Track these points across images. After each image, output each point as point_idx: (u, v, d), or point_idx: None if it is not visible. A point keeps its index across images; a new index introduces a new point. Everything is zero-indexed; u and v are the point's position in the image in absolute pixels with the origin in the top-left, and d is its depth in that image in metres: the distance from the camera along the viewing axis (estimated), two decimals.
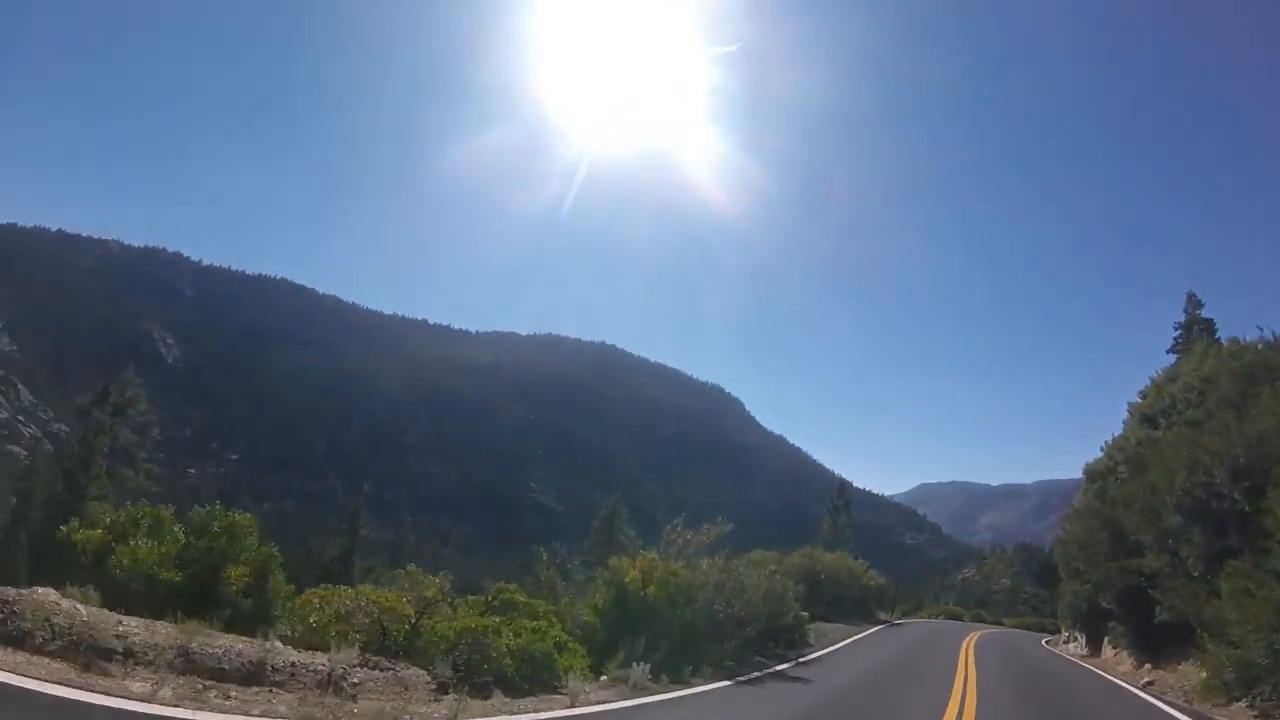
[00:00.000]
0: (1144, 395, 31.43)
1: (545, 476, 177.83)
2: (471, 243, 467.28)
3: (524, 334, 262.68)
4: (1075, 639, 32.23)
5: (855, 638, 27.27)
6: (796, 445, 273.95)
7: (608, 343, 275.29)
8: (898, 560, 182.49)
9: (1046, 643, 37.64)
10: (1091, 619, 27.97)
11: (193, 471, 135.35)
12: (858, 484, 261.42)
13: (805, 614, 22.70)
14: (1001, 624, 58.62)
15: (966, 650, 23.90)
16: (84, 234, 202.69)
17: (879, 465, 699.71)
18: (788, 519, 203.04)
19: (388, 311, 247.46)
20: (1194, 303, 43.05)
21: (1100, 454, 32.22)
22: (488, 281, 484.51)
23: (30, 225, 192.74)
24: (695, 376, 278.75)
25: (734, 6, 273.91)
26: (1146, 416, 28.91)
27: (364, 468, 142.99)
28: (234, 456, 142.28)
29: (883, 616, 43.10)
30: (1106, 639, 26.76)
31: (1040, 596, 63.86)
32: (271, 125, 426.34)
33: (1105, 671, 22.25)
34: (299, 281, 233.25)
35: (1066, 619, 34.31)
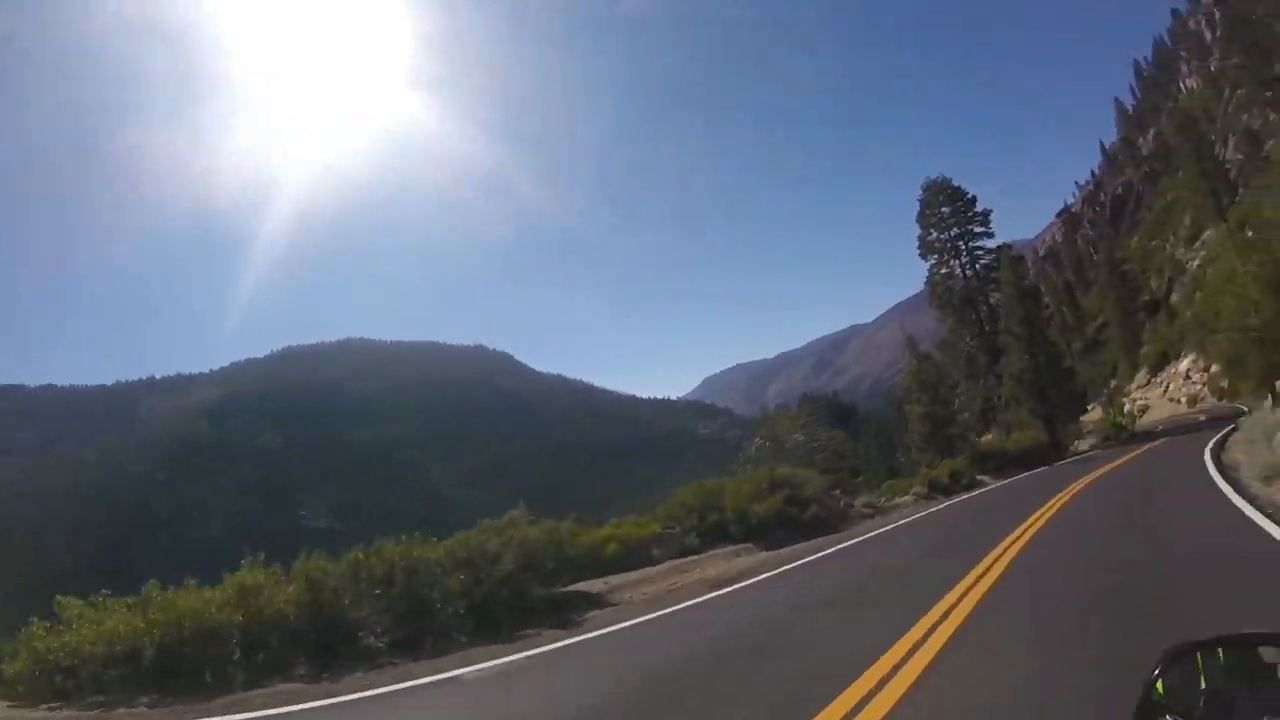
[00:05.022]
0: None
1: (320, 499, 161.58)
2: (147, 281, 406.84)
3: (261, 356, 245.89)
4: None
5: None
6: (577, 379, 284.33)
7: (352, 337, 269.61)
8: (696, 453, 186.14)
9: None
10: None
11: None
12: (644, 394, 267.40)
13: None
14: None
15: None
16: None
17: (664, 372, 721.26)
18: (573, 453, 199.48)
19: (62, 384, 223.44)
20: None
21: None
22: (204, 315, 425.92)
23: None
24: (453, 342, 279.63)
25: None
26: None
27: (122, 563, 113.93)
28: None
29: None
30: None
31: (837, 438, 57.18)
32: None
33: None
34: None
35: None
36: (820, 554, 14.45)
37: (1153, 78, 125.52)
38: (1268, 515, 9.87)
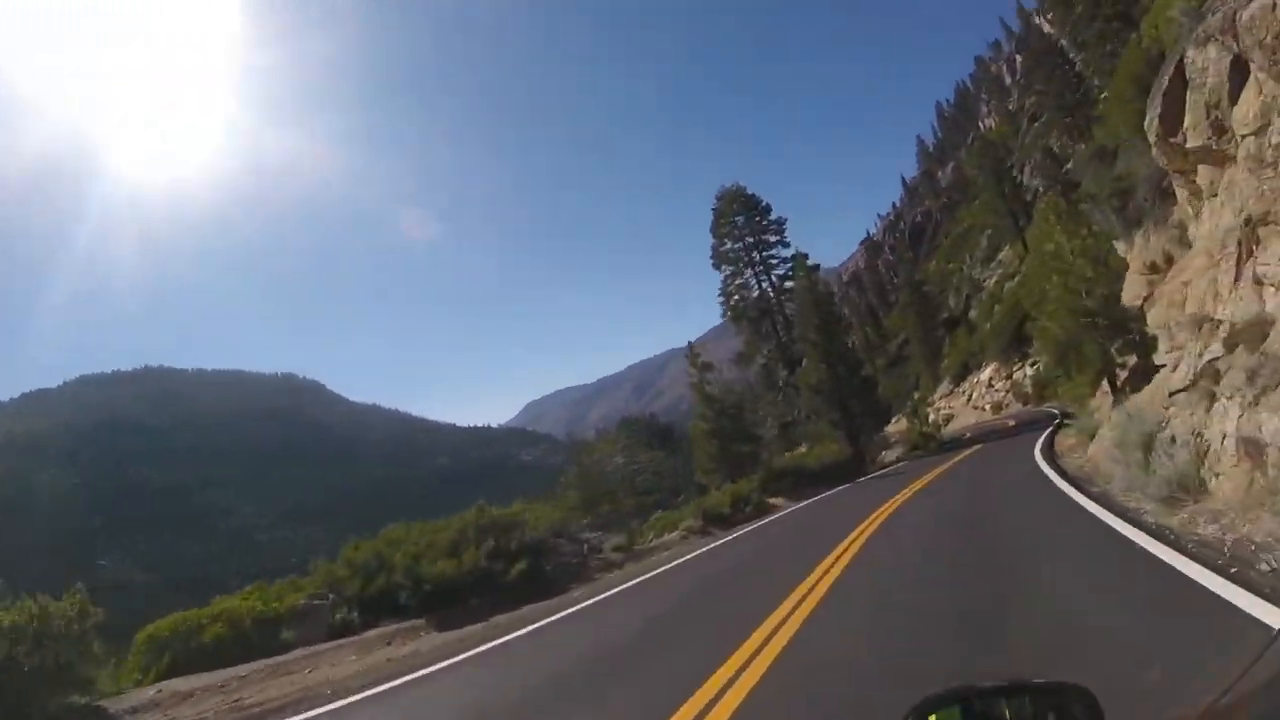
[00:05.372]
0: None
1: (120, 547, 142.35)
2: None
3: (54, 386, 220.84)
4: None
5: None
6: (394, 408, 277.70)
7: (151, 365, 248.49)
8: (519, 480, 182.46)
9: None
10: None
11: None
12: (463, 423, 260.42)
13: None
14: None
15: None
16: None
17: (486, 398, 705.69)
18: (394, 488, 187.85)
19: None
20: None
21: None
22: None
23: None
24: (261, 371, 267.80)
25: None
26: None
27: None
28: None
29: None
30: None
31: (657, 459, 52.02)
32: None
33: None
34: None
35: None
36: (483, 647, 9.03)
37: (953, 118, 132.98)
38: (1229, 576, 4.93)
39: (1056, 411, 32.36)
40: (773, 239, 39.15)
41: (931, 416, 51.62)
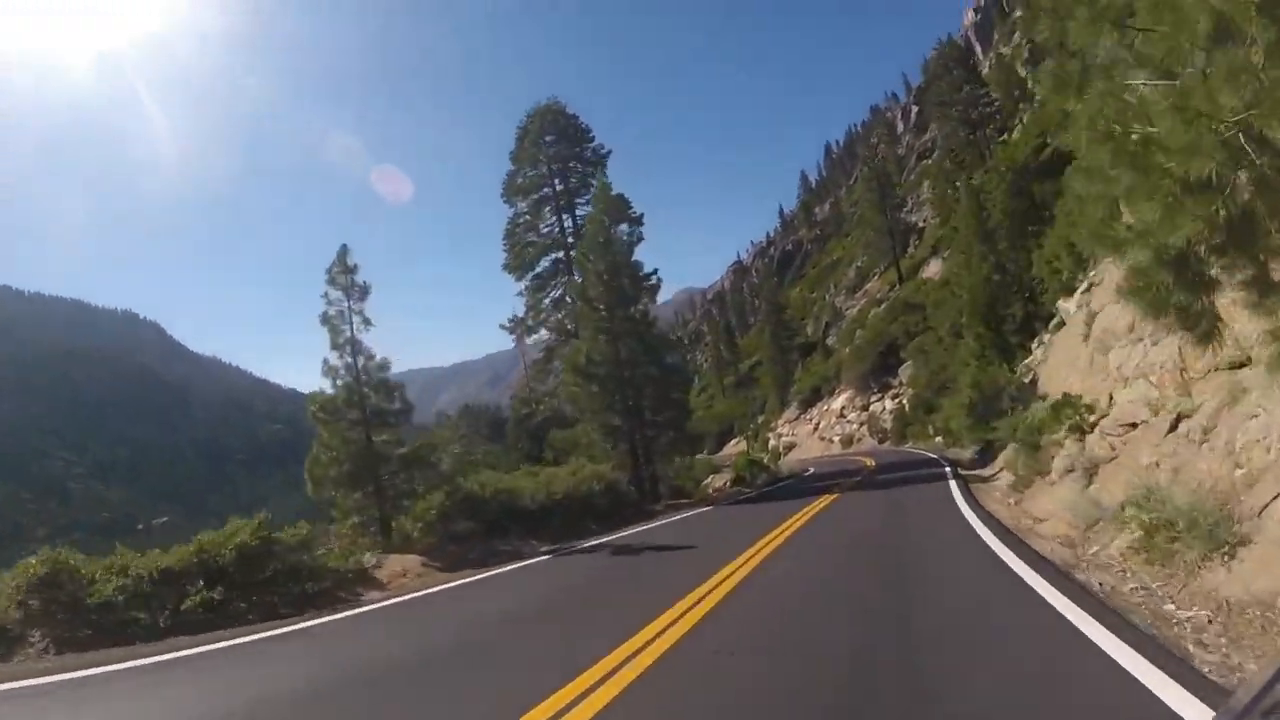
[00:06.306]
0: None
1: None
2: None
3: None
4: None
5: None
6: (234, 364, 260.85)
7: None
8: None
9: None
10: None
11: None
12: (304, 388, 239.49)
13: None
14: None
15: None
16: None
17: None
18: (224, 449, 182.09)
19: None
20: None
21: None
22: None
23: None
24: (100, 304, 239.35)
25: None
26: None
27: None
28: None
29: None
30: None
31: (494, 453, 45.55)
32: None
33: None
34: None
35: None
36: None
37: (840, 158, 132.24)
38: None
39: (936, 457, 22.79)
40: (587, 168, 27.53)
41: (772, 442, 43.94)
